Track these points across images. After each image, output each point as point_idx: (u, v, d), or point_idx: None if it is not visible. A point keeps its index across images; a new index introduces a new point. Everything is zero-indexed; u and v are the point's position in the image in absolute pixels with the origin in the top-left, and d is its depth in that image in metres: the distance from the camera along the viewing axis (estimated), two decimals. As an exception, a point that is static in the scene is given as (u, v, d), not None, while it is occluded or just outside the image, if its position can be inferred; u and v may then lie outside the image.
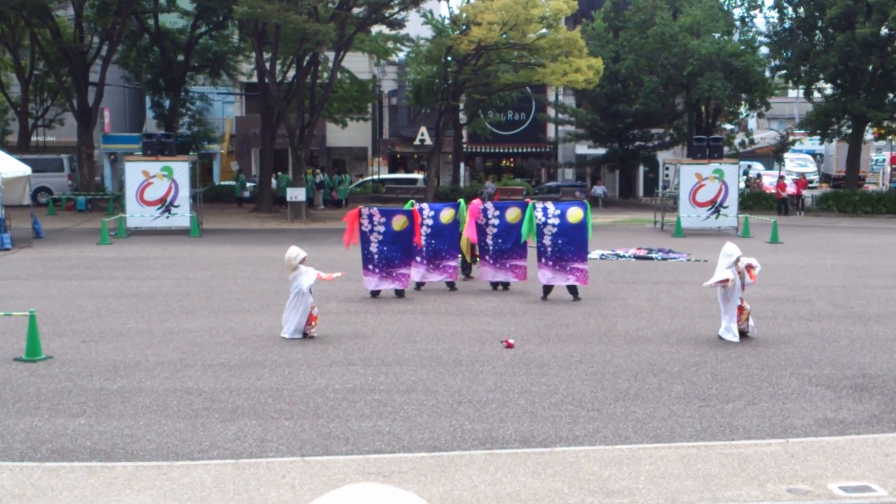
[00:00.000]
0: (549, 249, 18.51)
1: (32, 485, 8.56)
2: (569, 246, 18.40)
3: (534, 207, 18.87)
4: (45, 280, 21.22)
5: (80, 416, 10.57)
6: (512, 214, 19.60)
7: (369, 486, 1.52)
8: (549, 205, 19.23)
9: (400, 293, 18.90)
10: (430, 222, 19.67)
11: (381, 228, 18.74)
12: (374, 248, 18.72)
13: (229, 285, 20.42)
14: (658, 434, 10.07)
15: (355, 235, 18.94)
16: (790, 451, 9.49)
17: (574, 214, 18.58)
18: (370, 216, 18.87)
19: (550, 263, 18.50)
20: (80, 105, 40.76)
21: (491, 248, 19.69)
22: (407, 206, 19.70)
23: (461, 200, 20.83)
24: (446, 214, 19.89)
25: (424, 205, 20.67)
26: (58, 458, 9.26)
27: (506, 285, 19.92)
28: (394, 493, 1.51)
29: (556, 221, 18.54)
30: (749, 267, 14.66)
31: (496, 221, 19.65)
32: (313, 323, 14.80)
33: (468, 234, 20.07)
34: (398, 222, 18.83)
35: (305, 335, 14.72)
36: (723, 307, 14.72)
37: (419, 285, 19.83)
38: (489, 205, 20.21)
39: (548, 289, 18.67)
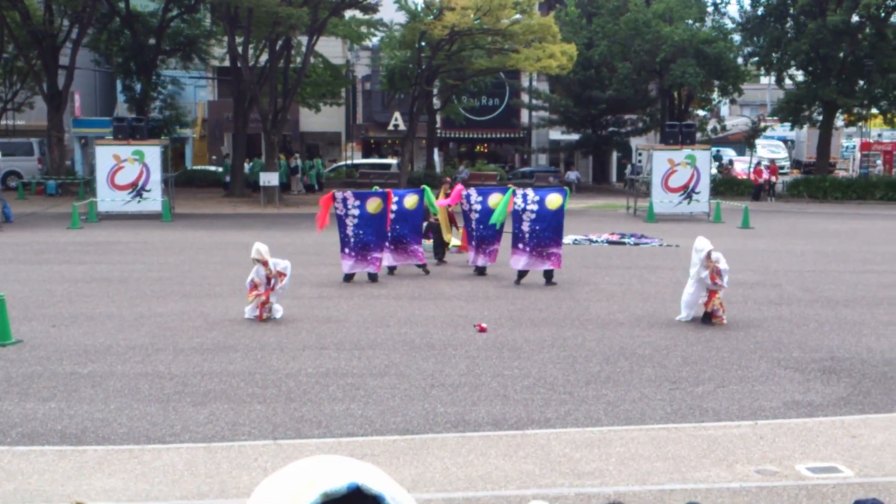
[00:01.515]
0: (528, 235, 18.50)
1: (3, 468, 8.52)
2: (546, 231, 18.44)
3: (513, 193, 18.91)
4: (14, 264, 21.05)
5: (51, 401, 10.52)
6: (494, 200, 19.63)
7: (325, 457, 1.53)
8: (529, 191, 19.29)
9: (373, 277, 18.88)
10: (395, 207, 19.69)
11: (356, 212, 18.71)
12: (349, 231, 18.69)
13: (201, 270, 20.33)
14: (629, 416, 10.15)
15: (326, 219, 18.93)
16: (759, 433, 9.60)
17: (553, 201, 18.63)
18: (344, 200, 18.83)
19: (528, 249, 18.51)
20: (49, 88, 40.33)
21: (476, 233, 19.79)
22: (375, 189, 19.85)
23: (425, 186, 20.91)
24: (410, 200, 19.99)
25: (388, 190, 20.70)
26: (28, 442, 9.22)
27: (482, 270, 19.95)
28: (348, 462, 1.52)
29: (535, 207, 18.55)
30: (717, 273, 14.65)
31: (479, 207, 19.73)
32: (268, 305, 14.73)
33: (440, 203, 20.59)
34: (372, 205, 18.81)
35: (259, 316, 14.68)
36: (692, 286, 14.80)
37: (392, 269, 19.86)
38: (472, 190, 20.30)
39: (522, 274, 18.71)
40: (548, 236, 18.47)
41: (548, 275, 18.61)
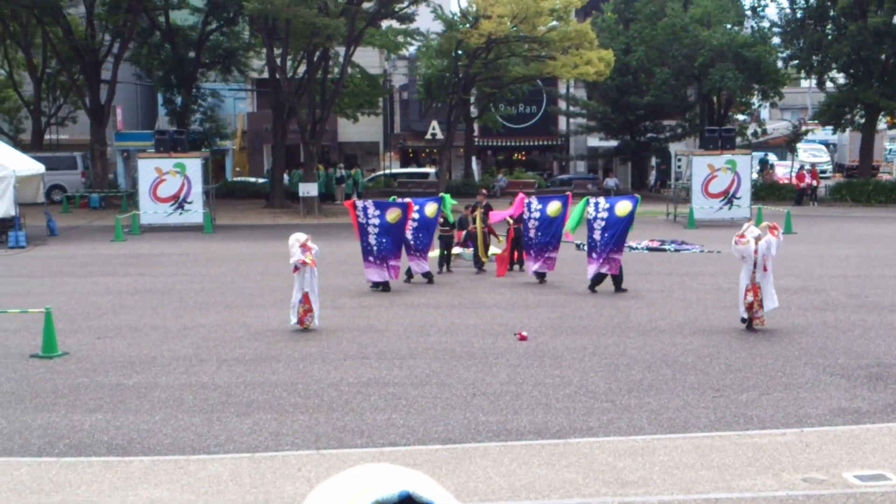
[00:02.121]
0: (598, 243, 18.58)
1: (51, 479, 8.63)
2: (612, 239, 18.45)
3: (587, 202, 19.03)
4: (60, 277, 21.34)
5: (97, 412, 10.64)
6: (553, 208, 19.93)
7: (376, 465, 1.55)
8: (601, 199, 19.44)
9: (386, 286, 18.95)
10: (417, 216, 19.80)
11: (376, 221, 18.90)
12: (372, 240, 18.83)
13: (243, 281, 20.49)
14: (672, 425, 10.08)
15: (356, 226, 19.23)
16: (805, 441, 9.49)
17: (623, 208, 18.67)
18: (364, 209, 19.03)
19: (601, 260, 18.50)
20: (92, 103, 40.88)
21: (533, 241, 19.97)
22: (390, 198, 20.14)
23: (444, 194, 21.04)
24: (430, 208, 20.17)
25: (408, 199, 20.79)
26: (75, 454, 9.33)
27: (542, 276, 20.03)
28: (399, 470, 1.54)
29: (605, 215, 18.63)
30: (772, 228, 14.56)
31: (538, 214, 19.97)
32: (310, 314, 14.77)
33: (494, 219, 21.23)
34: (391, 214, 18.98)
35: (301, 326, 14.75)
36: (743, 284, 14.62)
37: (428, 275, 20.00)
38: (533, 198, 20.55)
39: (598, 278, 18.69)
40: (613, 243, 18.44)
41: (616, 280, 18.50)
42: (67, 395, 11.31)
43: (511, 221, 21.70)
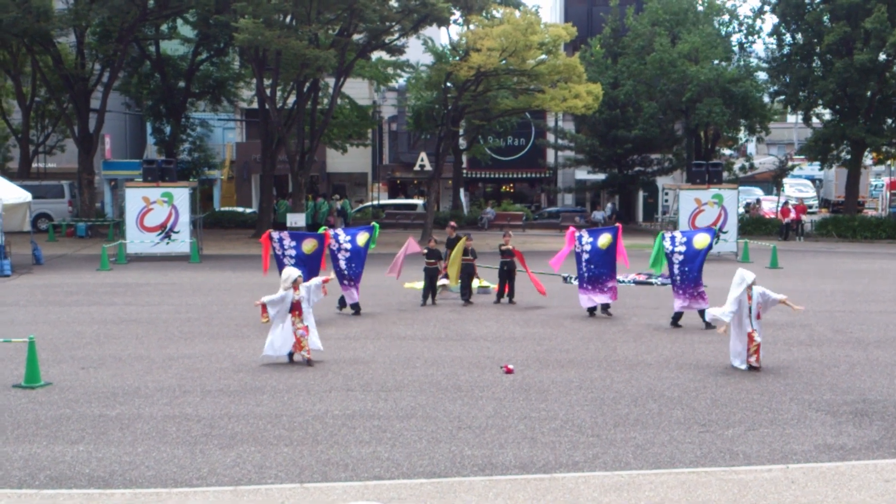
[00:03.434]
0: (679, 278, 18.51)
1: (30, 512, 8.53)
2: (693, 273, 18.35)
3: (662, 237, 19.05)
4: (44, 306, 21.22)
5: (79, 443, 10.55)
6: (603, 241, 20.08)
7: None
8: (677, 233, 19.45)
9: None
10: (349, 246, 19.80)
11: (293, 252, 18.98)
12: None
13: (229, 311, 20.41)
14: (658, 460, 10.04)
15: (268, 260, 19.37)
16: (790, 477, 9.47)
17: (701, 241, 18.65)
18: (280, 240, 19.14)
19: (681, 292, 18.45)
20: (80, 131, 40.87)
21: (586, 274, 20.01)
22: (320, 230, 20.13)
23: (375, 224, 21.04)
24: (362, 238, 20.16)
25: (339, 230, 20.93)
26: (56, 486, 9.24)
27: (606, 307, 20.10)
28: None
29: (683, 249, 18.60)
30: (782, 302, 14.72)
31: (588, 247, 20.05)
32: (304, 348, 14.73)
33: (552, 263, 21.20)
34: (307, 245, 19.18)
35: (291, 358, 14.75)
36: (734, 332, 14.63)
37: (356, 307, 20.05)
38: (583, 231, 20.63)
39: (678, 315, 18.64)
40: (691, 277, 18.35)
41: (702, 314, 18.34)
42: (49, 426, 11.21)
43: (501, 254, 21.74)
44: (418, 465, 9.85)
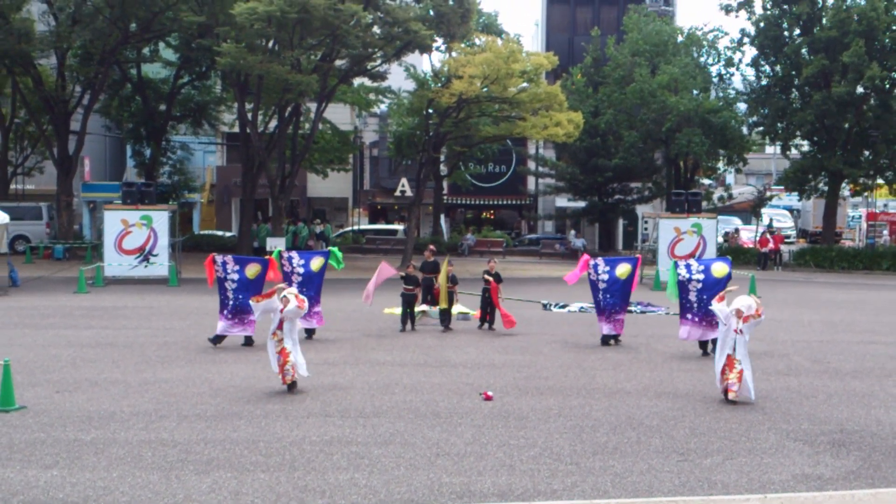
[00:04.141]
0: (696, 305, 18.46)
1: (2, 537, 8.41)
2: (710, 301, 18.17)
3: (676, 266, 19.00)
4: (20, 329, 21.03)
5: (53, 468, 10.43)
6: (621, 270, 20.12)
7: None
8: (692, 261, 19.41)
9: (249, 340, 18.94)
10: (301, 270, 19.77)
11: (235, 276, 18.93)
12: (229, 294, 18.88)
13: (206, 334, 20.27)
14: (636, 489, 10.02)
15: (212, 281, 19.25)
16: (768, 507, 9.46)
17: (719, 270, 18.61)
18: (224, 264, 19.07)
19: (697, 319, 18.37)
20: (60, 153, 40.70)
21: (602, 303, 20.00)
22: (275, 254, 19.91)
23: (333, 248, 21.02)
24: (316, 263, 20.07)
25: (294, 253, 20.81)
26: (28, 510, 9.11)
27: (616, 338, 20.05)
28: None
29: (701, 277, 18.54)
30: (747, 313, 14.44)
31: (606, 276, 20.03)
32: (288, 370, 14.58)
33: (566, 277, 20.89)
34: (251, 270, 19.06)
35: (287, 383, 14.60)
36: (718, 347, 14.56)
37: (310, 332, 19.94)
38: (599, 260, 20.61)
39: (703, 344, 18.61)
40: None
41: (713, 342, 18.25)
42: (23, 451, 11.08)
43: (488, 279, 21.61)
44: (396, 492, 9.79)
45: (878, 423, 13.09)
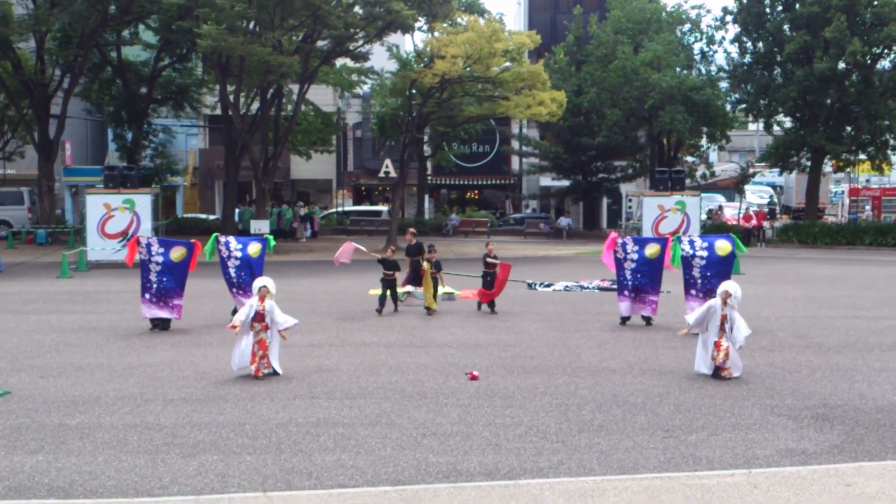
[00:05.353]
0: (699, 281, 18.51)
1: (-13, 523, 8.39)
2: (715, 277, 18.11)
3: (679, 241, 19.03)
4: (3, 314, 20.93)
5: (38, 453, 10.40)
6: (651, 250, 19.92)
7: None
8: (696, 238, 19.38)
9: (165, 324, 18.88)
10: (239, 255, 19.39)
11: (160, 259, 18.84)
12: (152, 277, 18.80)
13: (191, 318, 20.22)
14: (622, 465, 10.07)
15: (131, 261, 19.13)
16: (753, 482, 9.53)
17: (722, 247, 18.63)
18: (148, 246, 18.92)
19: (700, 296, 18.32)
20: (40, 137, 40.44)
21: (630, 282, 19.82)
22: (211, 238, 19.51)
23: (269, 236, 20.61)
24: (253, 248, 19.54)
25: (231, 237, 20.12)
26: (14, 496, 9.09)
27: (648, 320, 19.88)
28: None
29: (704, 254, 18.54)
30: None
31: (635, 256, 19.84)
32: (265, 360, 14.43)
33: (605, 260, 20.59)
34: (175, 253, 18.97)
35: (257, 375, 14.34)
36: (700, 338, 14.66)
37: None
38: (628, 239, 20.43)
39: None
40: (716, 283, 18.07)
41: None
42: (8, 436, 11.04)
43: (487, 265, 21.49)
44: (383, 472, 9.81)
45: (861, 397, 13.18)
